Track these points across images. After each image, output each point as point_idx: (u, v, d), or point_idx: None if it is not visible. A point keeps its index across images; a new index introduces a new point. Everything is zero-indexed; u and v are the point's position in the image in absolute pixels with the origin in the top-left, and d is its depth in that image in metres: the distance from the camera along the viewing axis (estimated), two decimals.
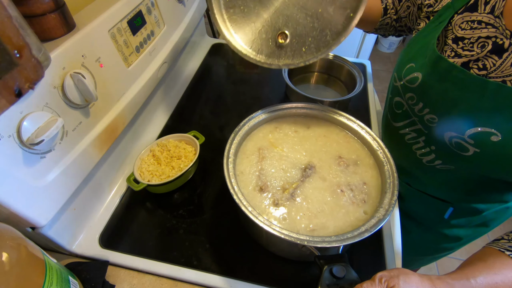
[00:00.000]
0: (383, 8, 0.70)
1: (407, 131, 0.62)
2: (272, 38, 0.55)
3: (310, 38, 0.53)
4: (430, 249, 0.81)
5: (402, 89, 0.60)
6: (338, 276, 0.39)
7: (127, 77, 0.60)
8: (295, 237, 0.42)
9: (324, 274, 0.40)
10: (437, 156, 0.57)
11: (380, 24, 0.73)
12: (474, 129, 0.48)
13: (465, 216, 0.68)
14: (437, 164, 0.58)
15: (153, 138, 0.74)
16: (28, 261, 0.36)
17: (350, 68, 0.86)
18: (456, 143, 0.52)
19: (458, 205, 0.66)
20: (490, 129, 0.47)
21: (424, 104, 0.55)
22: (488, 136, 0.47)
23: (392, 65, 2.70)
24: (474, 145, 0.49)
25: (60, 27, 0.45)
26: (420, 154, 0.61)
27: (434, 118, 0.54)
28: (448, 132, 0.52)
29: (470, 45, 0.49)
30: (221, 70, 0.99)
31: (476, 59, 0.49)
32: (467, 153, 0.51)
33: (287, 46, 0.55)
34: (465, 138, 0.50)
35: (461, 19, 0.51)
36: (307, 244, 0.42)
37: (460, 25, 0.51)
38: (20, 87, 0.33)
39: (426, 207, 0.71)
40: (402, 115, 0.62)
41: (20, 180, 0.40)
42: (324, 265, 0.41)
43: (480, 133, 0.48)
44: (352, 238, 0.42)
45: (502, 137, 0.46)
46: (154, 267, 0.53)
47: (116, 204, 0.62)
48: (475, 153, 0.50)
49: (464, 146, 0.51)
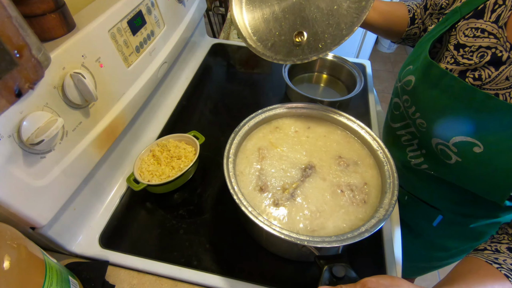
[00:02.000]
0: (410, 17, 0.68)
1: (403, 133, 0.62)
2: (289, 39, 0.58)
3: (326, 35, 0.55)
4: (422, 257, 0.80)
5: (400, 91, 0.60)
6: (338, 276, 0.39)
7: (127, 77, 0.60)
8: (295, 237, 0.42)
9: (324, 274, 0.40)
10: (425, 160, 0.58)
11: (406, 34, 0.70)
12: (459, 137, 0.48)
13: (453, 226, 0.67)
14: (424, 169, 0.59)
15: (153, 138, 0.74)
16: (28, 261, 0.36)
17: (350, 68, 0.86)
18: (441, 150, 0.52)
19: (447, 214, 0.65)
20: (473, 139, 0.47)
21: (416, 108, 0.56)
22: (471, 146, 0.47)
23: (392, 65, 2.70)
24: (457, 153, 0.49)
25: (60, 27, 0.45)
26: (410, 156, 0.61)
27: (423, 123, 0.55)
28: (435, 138, 0.53)
29: (470, 54, 0.49)
30: (221, 70, 0.99)
31: (473, 68, 0.48)
32: (450, 161, 0.51)
33: (304, 45, 0.57)
34: (450, 145, 0.50)
35: (466, 25, 0.50)
36: (307, 244, 0.42)
37: (464, 31, 0.50)
38: (20, 87, 0.33)
39: (417, 212, 0.71)
40: (399, 117, 0.63)
41: (20, 180, 0.40)
42: (324, 265, 0.41)
43: (464, 142, 0.48)
44: (352, 238, 0.42)
45: (483, 149, 0.46)
46: (154, 267, 0.53)
47: (116, 204, 0.62)
48: (457, 162, 0.50)
49: (448, 154, 0.51)
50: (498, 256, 0.42)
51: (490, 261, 0.41)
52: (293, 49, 0.58)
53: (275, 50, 0.60)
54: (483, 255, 0.43)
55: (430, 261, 0.81)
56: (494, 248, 0.44)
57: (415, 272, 0.92)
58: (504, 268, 0.40)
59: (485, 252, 0.44)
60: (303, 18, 0.56)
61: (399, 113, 0.62)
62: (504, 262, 0.41)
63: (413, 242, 0.76)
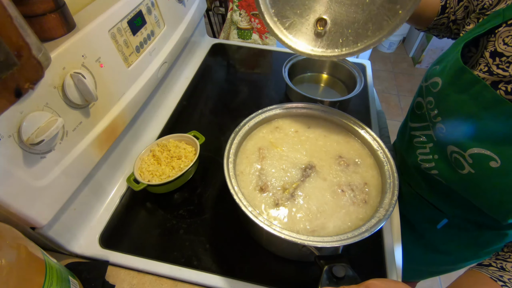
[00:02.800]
0: (441, 6, 0.63)
1: (419, 134, 0.61)
2: (310, 24, 0.52)
3: (350, 30, 0.51)
4: (423, 259, 0.79)
5: (425, 91, 0.58)
6: (338, 276, 0.39)
7: (127, 77, 0.60)
8: (295, 238, 0.42)
9: (324, 274, 0.40)
10: (436, 165, 0.57)
11: (434, 23, 0.66)
12: (476, 149, 0.47)
13: (458, 231, 0.66)
14: (433, 174, 0.58)
15: (153, 138, 0.74)
16: (28, 261, 0.36)
17: (350, 68, 0.86)
18: (455, 159, 0.51)
19: (452, 219, 0.64)
20: (492, 153, 0.45)
21: (439, 112, 0.53)
22: (488, 160, 0.46)
23: (392, 65, 2.70)
24: (472, 165, 0.48)
25: (60, 27, 0.45)
26: (421, 159, 0.60)
27: (443, 128, 0.53)
28: (452, 146, 0.51)
29: (507, 64, 0.45)
30: (221, 70, 0.99)
31: (508, 81, 0.45)
32: (463, 171, 0.50)
33: (323, 35, 0.53)
34: (465, 155, 0.48)
35: (507, 32, 0.46)
36: (307, 244, 0.42)
37: (505, 38, 0.46)
38: (20, 87, 0.33)
39: (422, 213, 0.70)
40: (419, 117, 0.61)
41: (20, 180, 0.40)
42: (324, 265, 0.41)
43: (481, 155, 0.46)
44: (352, 238, 0.42)
45: (500, 164, 0.45)
46: (154, 267, 0.53)
47: (116, 204, 0.62)
48: (469, 173, 0.49)
49: (461, 164, 0.50)
50: (503, 274, 0.41)
51: (495, 278, 0.41)
52: (312, 38, 0.53)
53: (292, 33, 0.55)
54: (488, 271, 0.42)
55: (431, 264, 0.80)
56: (500, 266, 0.43)
57: (415, 275, 0.91)
58: (508, 287, 0.39)
59: (490, 268, 0.43)
60: (329, 3, 0.51)
61: (421, 113, 0.60)
62: (509, 280, 0.40)
63: (414, 242, 0.75)
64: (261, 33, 1.14)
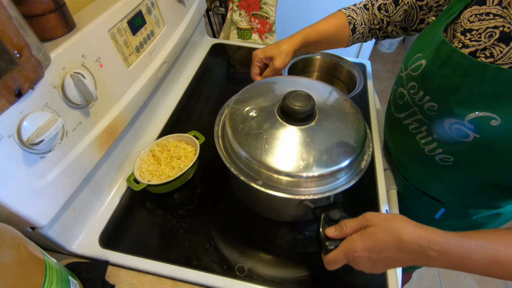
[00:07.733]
0: (351, 29, 0.73)
1: (409, 122, 0.63)
2: None
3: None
4: None
5: (406, 79, 0.61)
6: (335, 219, 0.45)
7: (127, 77, 0.60)
8: (292, 194, 0.47)
9: (322, 220, 0.46)
10: (438, 144, 0.58)
11: (351, 42, 0.76)
12: (473, 113, 0.49)
13: (456, 219, 0.68)
14: (438, 153, 0.58)
15: (153, 138, 0.74)
16: (28, 261, 0.36)
17: (350, 68, 0.86)
18: (456, 129, 0.52)
19: (450, 207, 0.66)
20: (489, 113, 0.47)
21: (425, 93, 0.56)
22: (488, 120, 0.48)
23: (392, 65, 2.70)
24: (474, 130, 0.49)
25: (60, 27, 0.45)
26: (423, 143, 0.61)
27: (434, 105, 0.55)
28: (448, 119, 0.53)
29: (478, 36, 0.50)
30: (221, 70, 0.99)
31: (483, 48, 0.49)
32: (467, 139, 0.51)
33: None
34: (465, 123, 0.50)
35: (469, 13, 0.51)
36: (304, 199, 0.48)
37: (469, 18, 0.51)
38: (20, 87, 0.33)
39: (419, 205, 0.71)
40: (403, 106, 0.63)
41: (20, 180, 0.40)
42: (321, 213, 0.46)
43: (480, 118, 0.48)
44: (341, 187, 0.48)
45: (501, 121, 0.47)
46: (154, 267, 0.53)
47: (116, 204, 0.62)
48: (475, 138, 0.50)
49: (464, 132, 0.51)
50: None
51: None
52: None
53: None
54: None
55: None
56: None
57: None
58: None
59: None
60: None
61: (403, 102, 0.62)
62: None
63: None
64: (261, 33, 1.14)
